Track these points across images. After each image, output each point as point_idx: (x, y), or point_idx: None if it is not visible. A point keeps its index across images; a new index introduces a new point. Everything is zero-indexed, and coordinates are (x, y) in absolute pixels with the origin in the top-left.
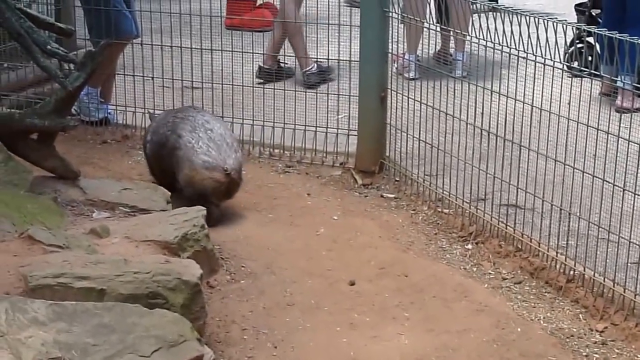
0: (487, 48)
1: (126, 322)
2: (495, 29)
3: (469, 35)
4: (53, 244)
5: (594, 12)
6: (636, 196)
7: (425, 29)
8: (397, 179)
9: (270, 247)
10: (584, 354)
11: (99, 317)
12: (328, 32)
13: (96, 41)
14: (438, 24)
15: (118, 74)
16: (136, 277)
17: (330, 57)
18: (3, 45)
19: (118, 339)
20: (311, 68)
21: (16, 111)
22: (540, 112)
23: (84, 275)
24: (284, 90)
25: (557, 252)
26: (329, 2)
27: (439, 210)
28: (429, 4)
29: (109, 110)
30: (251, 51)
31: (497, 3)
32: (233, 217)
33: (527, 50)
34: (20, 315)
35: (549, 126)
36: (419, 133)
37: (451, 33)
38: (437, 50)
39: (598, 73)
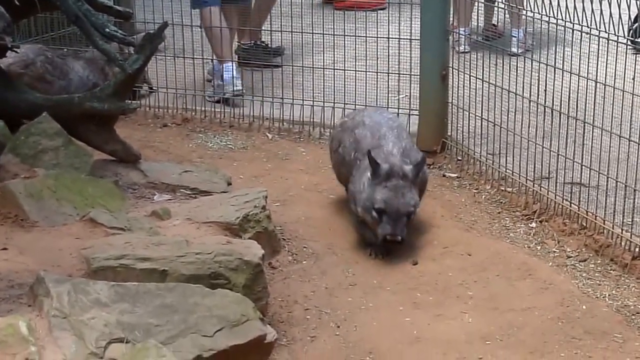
0: (550, 24)
1: (188, 302)
2: (558, 4)
3: (529, 10)
4: (115, 227)
5: None
6: None
7: (477, 2)
8: (459, 158)
9: (332, 228)
10: None
11: (161, 297)
12: (388, 11)
13: None
14: None
15: (176, 56)
16: (198, 257)
17: (390, 36)
18: (62, 30)
19: (180, 319)
20: (250, 42)
21: (76, 95)
22: (605, 88)
23: (145, 256)
24: (344, 70)
25: (622, 229)
26: None
27: (502, 189)
28: None
29: None
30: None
31: None
32: (294, 198)
33: (591, 25)
34: (83, 297)
35: (613, 102)
36: (481, 111)
37: (506, 9)
38: (486, 24)
39: None
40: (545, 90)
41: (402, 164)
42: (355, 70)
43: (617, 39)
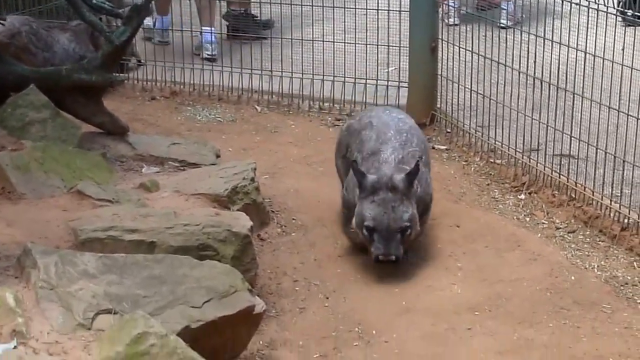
0: None
1: (177, 273)
2: None
3: None
4: (102, 199)
5: None
6: None
7: None
8: (449, 130)
9: (321, 200)
10: (638, 301)
11: (149, 269)
12: None
13: None
14: None
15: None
16: (186, 229)
17: (380, 8)
18: (49, 3)
19: (169, 291)
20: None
21: (63, 67)
22: (594, 59)
23: (133, 228)
24: (333, 42)
25: (611, 201)
26: None
27: (491, 161)
28: None
29: None
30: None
31: None
32: (283, 170)
33: None
34: (70, 268)
35: (602, 74)
36: (471, 84)
37: None
38: None
39: None
40: (535, 62)
41: (393, 174)
42: (345, 43)
43: (607, 10)
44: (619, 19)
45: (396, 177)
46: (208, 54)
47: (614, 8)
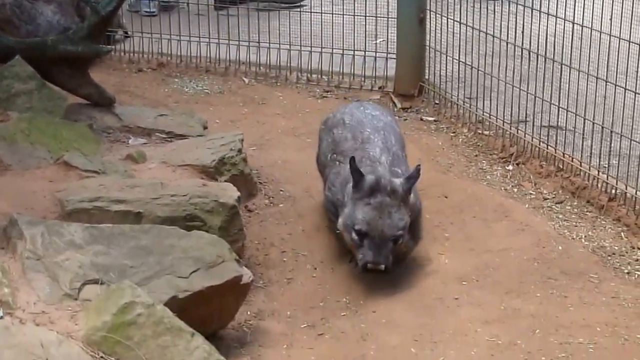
0: None
1: (163, 244)
2: None
3: None
4: (89, 170)
5: None
6: None
7: None
8: (437, 101)
9: (309, 172)
10: (626, 271)
11: (136, 239)
12: None
13: None
14: None
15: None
16: (173, 199)
17: None
18: None
19: (156, 261)
20: None
21: (49, 38)
22: (582, 29)
23: (120, 198)
24: (321, 13)
25: (599, 171)
26: None
27: (479, 132)
28: None
29: None
30: None
31: None
32: (271, 142)
33: None
34: (57, 239)
35: (590, 44)
36: (459, 55)
37: None
38: None
39: None
40: (523, 33)
41: (392, 178)
42: (333, 14)
43: None
44: None
45: (395, 180)
46: (147, 11)
47: None
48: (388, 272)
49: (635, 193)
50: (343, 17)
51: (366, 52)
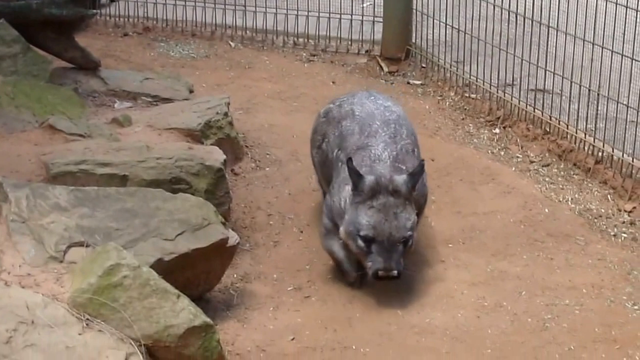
0: None
1: (149, 206)
2: None
3: None
4: (74, 133)
5: None
6: None
7: None
8: (424, 65)
9: (295, 135)
10: (612, 233)
11: (121, 202)
12: None
13: None
14: None
15: None
16: (159, 162)
17: None
18: None
19: (141, 223)
20: None
21: (34, 1)
22: None
23: (106, 161)
24: None
25: (585, 134)
26: None
27: (466, 95)
28: None
29: None
30: None
31: None
32: (257, 106)
33: None
34: (42, 202)
35: (577, 7)
36: (446, 18)
37: None
38: None
39: None
40: None
41: (393, 175)
42: None
43: None
44: None
45: (397, 178)
46: None
47: None
48: (400, 278)
49: (622, 156)
50: None
51: (353, 16)
